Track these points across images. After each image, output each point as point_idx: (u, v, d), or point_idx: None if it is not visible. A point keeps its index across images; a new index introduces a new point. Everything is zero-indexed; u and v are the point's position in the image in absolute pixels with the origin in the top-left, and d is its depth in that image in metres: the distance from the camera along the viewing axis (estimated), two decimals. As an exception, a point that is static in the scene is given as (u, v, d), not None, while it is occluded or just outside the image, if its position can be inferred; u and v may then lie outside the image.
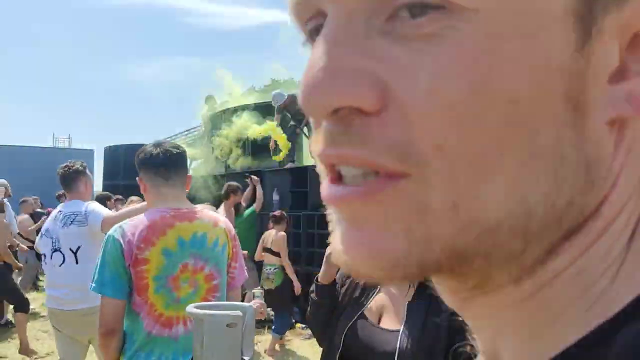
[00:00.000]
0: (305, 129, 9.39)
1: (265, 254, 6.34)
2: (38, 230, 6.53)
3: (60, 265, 3.54)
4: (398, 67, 0.29)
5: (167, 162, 2.25)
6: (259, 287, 5.56)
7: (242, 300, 3.80)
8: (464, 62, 0.28)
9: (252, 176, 7.79)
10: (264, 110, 10.13)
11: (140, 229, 2.10)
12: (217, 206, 6.85)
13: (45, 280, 3.95)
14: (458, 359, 1.47)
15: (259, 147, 9.83)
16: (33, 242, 6.11)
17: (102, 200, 6.19)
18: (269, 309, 5.86)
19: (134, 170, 5.26)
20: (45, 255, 3.67)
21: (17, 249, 7.46)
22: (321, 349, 1.83)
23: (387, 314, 1.66)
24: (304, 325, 6.96)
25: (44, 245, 3.67)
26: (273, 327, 6.29)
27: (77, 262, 3.51)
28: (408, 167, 0.29)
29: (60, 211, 3.71)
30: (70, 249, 3.54)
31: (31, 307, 6.74)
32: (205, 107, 12.89)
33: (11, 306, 6.80)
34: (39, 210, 9.98)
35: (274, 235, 6.31)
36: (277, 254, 6.27)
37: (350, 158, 0.31)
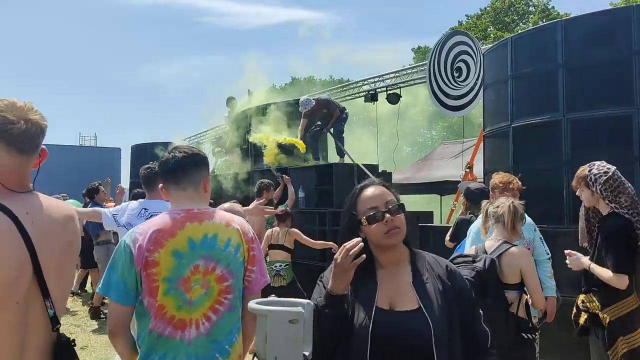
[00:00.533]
0: (331, 130, 9.44)
1: (272, 251, 6.39)
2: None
3: None
4: None
5: (176, 167, 2.27)
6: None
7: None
8: None
9: (284, 175, 7.85)
10: (286, 107, 10.18)
11: (150, 232, 2.11)
12: (244, 203, 6.94)
13: None
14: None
15: (284, 145, 9.89)
16: None
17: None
18: None
19: None
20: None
21: None
22: None
23: (398, 299, 1.68)
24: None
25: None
26: None
27: None
28: None
29: (145, 209, 3.92)
30: None
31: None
32: (227, 109, 13.07)
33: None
34: None
35: (281, 232, 6.41)
36: (289, 250, 6.37)
37: None
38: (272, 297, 1.98)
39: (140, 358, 2.12)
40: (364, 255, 1.63)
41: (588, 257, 3.43)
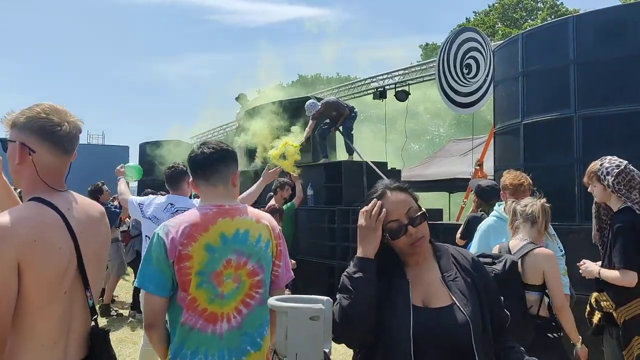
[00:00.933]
0: (340, 128, 9.44)
1: None
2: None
3: None
4: None
5: (205, 164, 2.30)
6: None
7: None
8: None
9: (293, 173, 7.86)
10: (292, 106, 10.18)
11: (184, 226, 2.14)
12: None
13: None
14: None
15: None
16: None
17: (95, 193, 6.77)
18: None
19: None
20: (148, 238, 3.93)
21: None
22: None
23: (432, 297, 1.67)
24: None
25: (150, 229, 4.00)
26: None
27: None
28: None
29: (171, 204, 4.14)
30: None
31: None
32: (239, 106, 13.07)
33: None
34: None
35: None
36: None
37: None
38: (288, 293, 1.98)
39: (172, 352, 2.15)
40: (385, 210, 1.68)
41: (599, 262, 3.40)
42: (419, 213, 1.71)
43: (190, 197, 4.46)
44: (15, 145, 1.74)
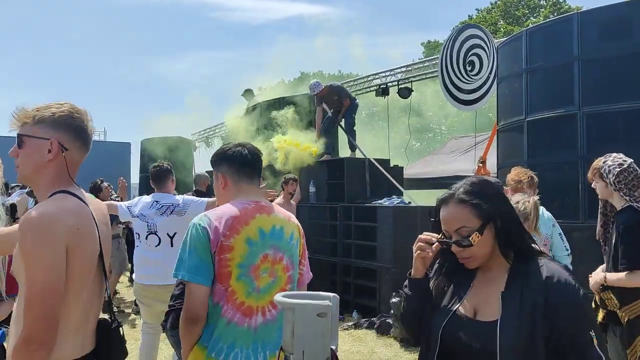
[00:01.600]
0: (342, 122, 9.42)
1: None
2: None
3: (156, 246, 4.25)
4: None
5: (252, 163, 2.39)
6: None
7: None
8: None
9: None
10: (294, 102, 10.16)
11: (226, 218, 2.17)
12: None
13: (136, 259, 4.52)
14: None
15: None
16: None
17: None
18: None
19: (171, 162, 5.37)
20: (139, 235, 4.36)
21: None
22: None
23: (482, 309, 1.61)
24: (341, 316, 7.04)
25: (139, 227, 4.35)
26: None
27: (172, 246, 4.21)
28: None
29: (156, 201, 4.37)
30: (168, 234, 4.26)
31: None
32: (246, 102, 13.05)
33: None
34: None
35: None
36: None
37: None
38: (299, 293, 1.98)
39: (209, 345, 2.14)
40: (434, 247, 1.68)
41: (603, 265, 3.38)
42: (467, 235, 1.60)
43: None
44: (44, 142, 1.78)
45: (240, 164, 2.37)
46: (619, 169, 3.22)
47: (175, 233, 4.23)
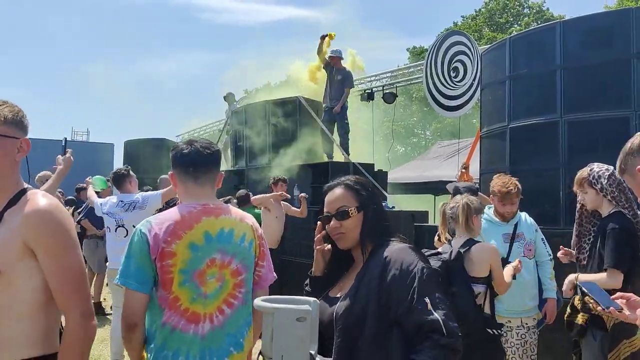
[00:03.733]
0: (336, 127, 9.45)
1: None
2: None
3: (124, 237, 4.95)
4: None
5: (197, 162, 2.26)
6: None
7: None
8: None
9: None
10: (282, 106, 10.14)
11: (168, 223, 2.11)
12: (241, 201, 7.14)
13: (108, 248, 5.28)
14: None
15: (280, 142, 9.85)
16: None
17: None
18: None
19: (154, 163, 5.90)
20: (109, 229, 5.16)
21: None
22: None
23: (344, 289, 1.81)
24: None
25: (109, 222, 5.17)
26: None
27: None
28: None
29: (121, 201, 5.17)
30: (133, 226, 4.75)
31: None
32: (226, 104, 13.03)
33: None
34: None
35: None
36: None
37: None
38: (279, 297, 1.97)
39: (152, 354, 2.10)
40: (329, 246, 1.94)
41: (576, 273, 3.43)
42: (344, 210, 1.87)
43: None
44: (15, 141, 1.84)
45: (184, 164, 2.27)
46: (608, 174, 3.28)
47: None
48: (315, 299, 1.43)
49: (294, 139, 9.56)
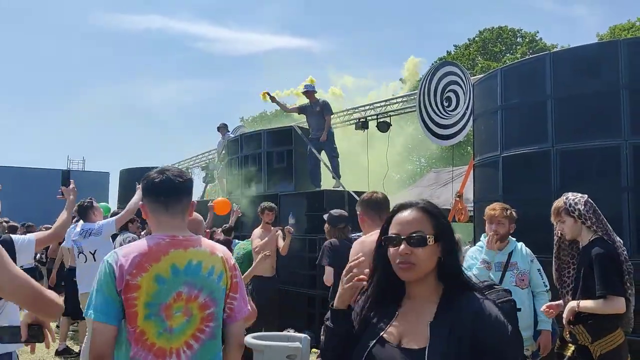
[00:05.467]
0: (324, 153, 9.48)
1: None
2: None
3: (84, 262, 5.46)
4: None
5: (168, 191, 2.20)
6: None
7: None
8: None
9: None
10: (277, 135, 10.21)
11: (134, 255, 2.07)
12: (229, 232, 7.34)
13: (77, 273, 5.70)
14: None
15: (275, 171, 9.89)
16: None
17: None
18: None
19: None
20: (76, 256, 5.62)
21: None
22: None
23: (408, 337, 1.58)
24: (318, 351, 6.91)
25: (75, 249, 5.64)
26: None
27: (94, 260, 5.30)
28: None
29: (82, 229, 5.56)
30: (90, 252, 5.44)
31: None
32: (219, 135, 13.30)
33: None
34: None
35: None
36: None
37: None
38: (269, 333, 1.95)
39: None
40: (364, 283, 1.66)
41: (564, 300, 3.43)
42: (421, 236, 1.60)
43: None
44: None
45: (154, 193, 2.21)
46: (584, 200, 3.31)
47: (95, 250, 5.39)
48: (306, 335, 1.43)
49: (289, 167, 9.61)
